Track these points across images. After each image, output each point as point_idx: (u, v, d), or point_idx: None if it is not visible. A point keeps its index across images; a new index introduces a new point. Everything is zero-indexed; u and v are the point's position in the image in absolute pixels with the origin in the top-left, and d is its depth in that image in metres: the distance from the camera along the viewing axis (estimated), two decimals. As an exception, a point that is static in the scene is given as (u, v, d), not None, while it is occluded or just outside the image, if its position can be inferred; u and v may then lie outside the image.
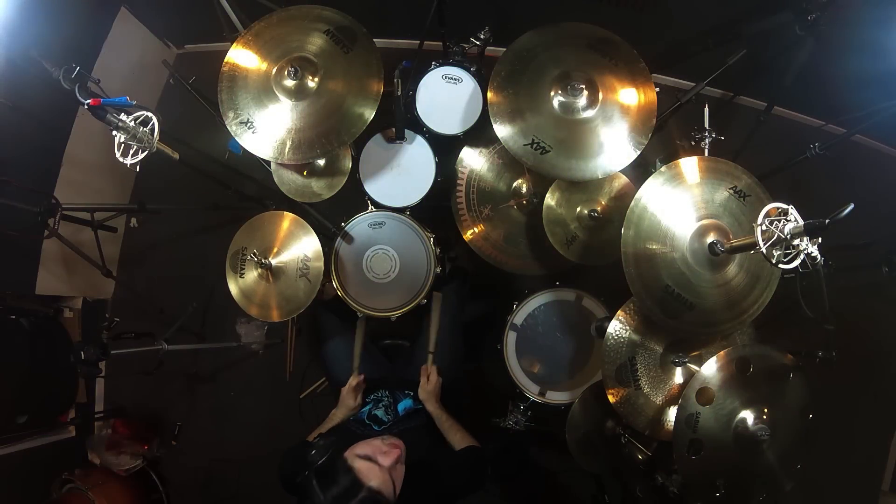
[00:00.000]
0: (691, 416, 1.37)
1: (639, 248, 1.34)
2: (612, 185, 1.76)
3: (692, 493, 1.50)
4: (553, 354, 1.86)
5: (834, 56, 1.86)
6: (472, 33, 1.85)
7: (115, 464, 2.32)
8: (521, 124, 1.52)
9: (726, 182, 1.39)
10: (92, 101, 1.20)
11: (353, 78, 1.58)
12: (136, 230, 2.62)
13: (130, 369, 2.34)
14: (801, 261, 1.07)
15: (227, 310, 2.48)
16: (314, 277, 1.65)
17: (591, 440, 1.75)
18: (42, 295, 2.20)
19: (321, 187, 1.82)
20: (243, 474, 2.49)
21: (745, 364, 1.41)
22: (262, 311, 1.73)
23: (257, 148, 1.57)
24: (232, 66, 1.61)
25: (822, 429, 1.56)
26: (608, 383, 1.51)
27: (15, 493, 2.15)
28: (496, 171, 1.88)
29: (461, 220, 1.88)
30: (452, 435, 1.55)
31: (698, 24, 2.12)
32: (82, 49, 2.11)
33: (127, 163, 1.28)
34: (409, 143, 1.83)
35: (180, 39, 2.60)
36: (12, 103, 1.84)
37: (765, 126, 2.06)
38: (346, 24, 1.61)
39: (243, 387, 2.57)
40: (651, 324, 1.51)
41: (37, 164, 2.08)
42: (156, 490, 2.44)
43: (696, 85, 1.96)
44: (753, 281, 1.39)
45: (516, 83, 1.55)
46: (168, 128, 1.39)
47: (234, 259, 1.74)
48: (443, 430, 1.58)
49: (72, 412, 2.41)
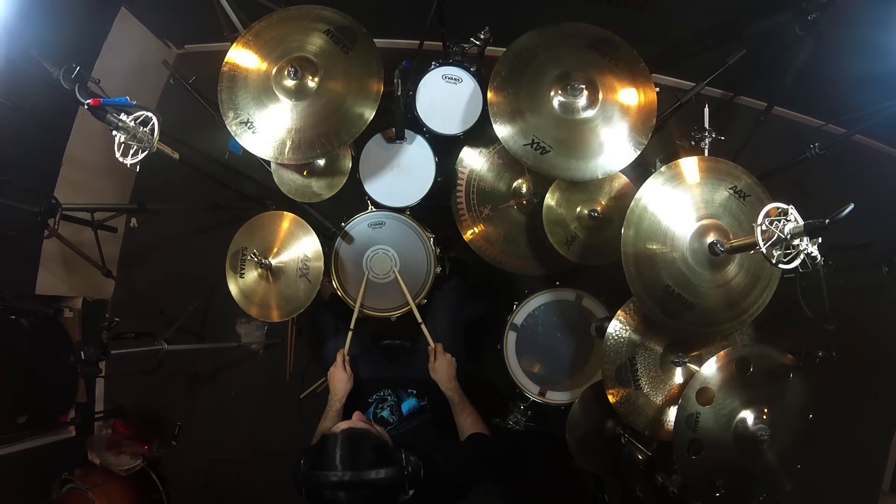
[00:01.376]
0: (691, 416, 1.37)
1: (639, 248, 1.34)
2: (612, 185, 1.76)
3: (692, 493, 1.50)
4: (553, 354, 1.86)
5: (834, 56, 1.86)
6: (472, 33, 1.85)
7: (115, 464, 2.32)
8: (521, 124, 1.52)
9: (726, 182, 1.39)
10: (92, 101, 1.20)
11: (353, 78, 1.58)
12: (136, 230, 2.62)
13: (130, 369, 2.34)
14: (801, 261, 1.07)
15: (227, 310, 2.48)
16: (314, 278, 1.65)
17: (591, 440, 1.75)
18: (42, 295, 2.20)
19: (321, 187, 1.82)
20: (243, 474, 2.49)
21: (745, 364, 1.41)
22: (262, 311, 1.73)
23: (257, 148, 1.57)
24: (232, 66, 1.61)
25: (822, 429, 1.55)
26: (608, 383, 1.51)
27: (15, 493, 2.15)
28: (496, 171, 1.88)
29: (461, 220, 1.88)
30: (463, 419, 1.52)
31: (698, 24, 2.13)
32: (82, 49, 2.11)
33: (127, 163, 1.28)
34: (409, 143, 1.83)
35: (180, 39, 2.60)
36: (12, 103, 1.84)
37: (765, 126, 2.06)
38: (346, 24, 1.61)
39: (243, 387, 2.56)
40: (651, 324, 1.50)
41: (37, 164, 2.08)
42: (156, 490, 2.44)
43: (696, 85, 1.96)
44: (753, 281, 1.39)
45: (516, 83, 1.55)
46: (168, 128, 1.39)
47: (234, 259, 1.74)
48: (454, 413, 1.55)
49: (72, 412, 2.40)
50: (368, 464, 1.07)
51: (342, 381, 1.63)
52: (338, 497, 1.04)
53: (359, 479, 1.05)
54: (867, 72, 1.82)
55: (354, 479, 1.04)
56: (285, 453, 2.35)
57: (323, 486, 1.05)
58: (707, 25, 2.10)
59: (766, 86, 2.14)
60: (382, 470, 1.07)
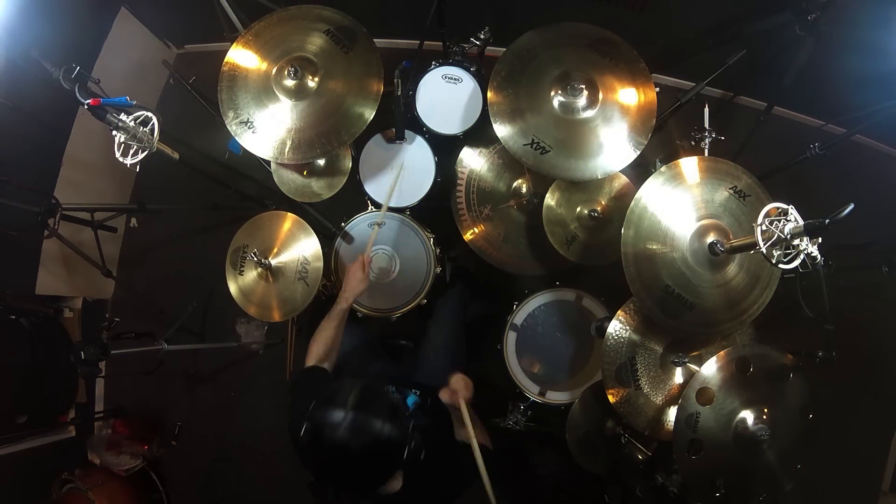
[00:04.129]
0: (691, 416, 1.37)
1: (639, 248, 1.34)
2: (612, 185, 1.76)
3: (692, 493, 1.50)
4: (553, 354, 1.86)
5: (834, 56, 1.86)
6: (472, 33, 1.85)
7: (115, 464, 2.32)
8: (521, 124, 1.52)
9: (726, 182, 1.39)
10: (92, 101, 1.20)
11: (353, 78, 1.58)
12: (136, 230, 2.62)
13: (130, 369, 2.34)
14: (801, 261, 1.07)
15: (227, 310, 2.48)
16: (312, 281, 1.65)
17: (591, 440, 1.75)
18: (42, 295, 2.20)
19: (321, 187, 1.82)
20: (243, 474, 2.49)
21: (745, 364, 1.41)
22: (261, 311, 1.73)
23: (257, 148, 1.57)
24: (232, 66, 1.61)
25: (822, 429, 1.55)
26: (608, 383, 1.51)
27: (15, 493, 2.15)
28: (496, 171, 1.88)
29: (461, 220, 1.88)
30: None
31: (698, 24, 2.12)
32: (82, 49, 2.11)
33: (127, 163, 1.28)
34: (409, 143, 1.83)
35: (180, 39, 2.60)
36: (12, 103, 1.84)
37: (765, 126, 2.06)
38: (346, 24, 1.61)
39: (243, 387, 2.56)
40: (651, 324, 1.51)
41: (37, 164, 2.08)
42: (156, 490, 2.44)
43: (696, 85, 1.96)
44: (753, 281, 1.39)
45: (516, 83, 1.55)
46: (168, 128, 1.39)
47: (234, 256, 1.74)
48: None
49: (72, 412, 2.40)
50: (377, 414, 1.04)
51: (358, 279, 1.56)
52: (336, 437, 1.01)
53: (363, 423, 1.02)
54: (867, 72, 1.82)
55: (359, 421, 1.01)
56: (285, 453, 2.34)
57: (325, 426, 1.02)
58: (707, 25, 2.10)
59: (766, 86, 2.14)
60: (388, 424, 1.04)
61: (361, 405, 1.04)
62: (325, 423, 1.02)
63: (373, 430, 1.02)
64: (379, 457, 1.05)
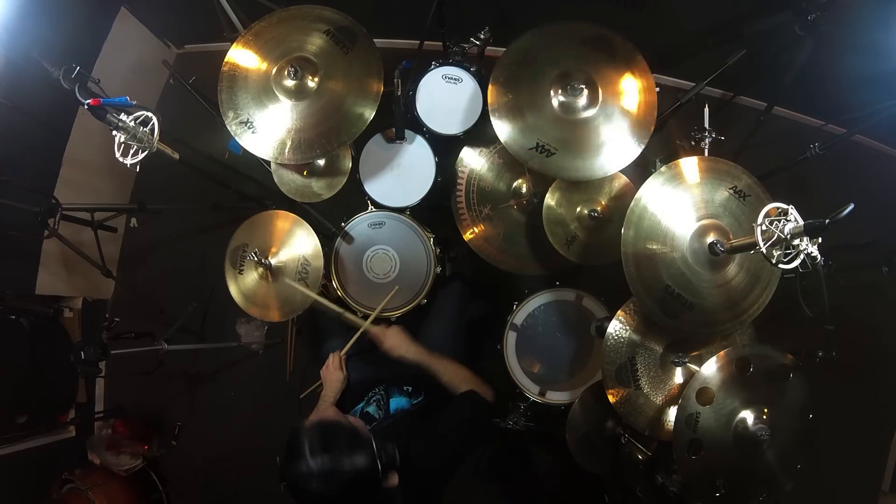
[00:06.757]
0: (691, 416, 1.37)
1: (639, 248, 1.34)
2: (612, 185, 1.76)
3: (692, 493, 1.49)
4: (553, 354, 1.86)
5: (834, 56, 1.86)
6: (472, 33, 1.85)
7: (115, 464, 2.32)
8: (522, 124, 1.52)
9: (726, 182, 1.39)
10: (92, 101, 1.20)
11: (353, 78, 1.58)
12: (136, 230, 2.62)
13: (130, 369, 2.34)
14: (801, 261, 1.07)
15: (227, 310, 2.48)
16: (313, 282, 1.65)
17: (591, 440, 1.75)
18: (42, 295, 2.20)
19: (321, 187, 1.82)
20: (243, 474, 2.49)
21: (745, 364, 1.41)
22: (261, 311, 1.73)
23: (257, 148, 1.57)
24: (232, 66, 1.61)
25: (822, 429, 1.55)
26: (608, 383, 1.51)
27: (15, 493, 2.15)
28: (496, 171, 1.88)
29: (461, 220, 1.88)
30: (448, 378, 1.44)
31: (698, 24, 2.12)
32: (82, 49, 2.11)
33: (127, 163, 1.28)
34: (409, 143, 1.83)
35: (180, 39, 2.60)
36: (12, 103, 1.84)
37: (765, 126, 2.06)
38: (346, 24, 1.61)
39: (243, 387, 2.56)
40: (651, 324, 1.50)
41: (37, 164, 2.09)
42: (156, 490, 2.44)
43: (696, 85, 1.95)
44: (753, 281, 1.39)
45: (516, 83, 1.55)
46: (168, 128, 1.39)
47: (234, 255, 1.74)
48: (440, 379, 1.46)
49: (72, 412, 2.41)
50: (339, 452, 1.05)
51: (337, 379, 1.61)
52: (311, 488, 1.02)
53: (330, 466, 1.03)
54: (867, 72, 1.82)
55: (325, 466, 1.02)
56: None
57: (298, 480, 1.04)
58: (707, 25, 2.10)
59: (765, 86, 2.14)
60: (353, 456, 1.05)
61: (321, 448, 1.05)
62: (297, 477, 1.04)
63: (342, 468, 1.04)
64: (360, 486, 1.07)
